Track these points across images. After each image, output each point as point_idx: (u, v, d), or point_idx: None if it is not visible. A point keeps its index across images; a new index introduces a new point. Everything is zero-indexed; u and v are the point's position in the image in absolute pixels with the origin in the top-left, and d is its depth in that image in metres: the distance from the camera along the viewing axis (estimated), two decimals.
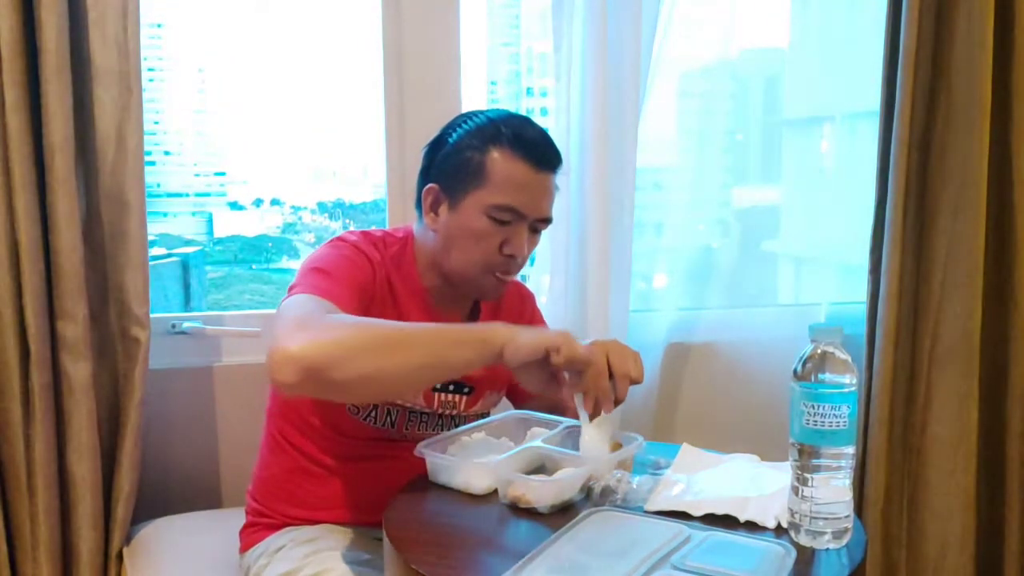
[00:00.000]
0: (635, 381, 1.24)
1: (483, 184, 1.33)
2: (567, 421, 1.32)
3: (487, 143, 1.34)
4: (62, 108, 1.51)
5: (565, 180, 1.82)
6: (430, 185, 1.38)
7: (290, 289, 1.27)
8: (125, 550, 1.63)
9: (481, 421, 1.36)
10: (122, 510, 1.65)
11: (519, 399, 1.58)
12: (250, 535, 1.46)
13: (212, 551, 1.56)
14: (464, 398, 1.45)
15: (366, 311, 1.30)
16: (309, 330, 1.08)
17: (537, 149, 1.35)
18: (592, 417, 1.21)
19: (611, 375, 1.21)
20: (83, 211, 1.60)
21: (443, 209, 1.37)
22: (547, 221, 1.39)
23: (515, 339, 1.13)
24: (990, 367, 1.95)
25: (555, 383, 1.19)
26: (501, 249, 1.35)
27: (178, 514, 1.72)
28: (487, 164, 1.33)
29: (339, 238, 1.39)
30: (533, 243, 1.40)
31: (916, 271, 1.94)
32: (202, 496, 1.83)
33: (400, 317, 1.37)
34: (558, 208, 1.82)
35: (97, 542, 1.63)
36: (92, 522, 1.62)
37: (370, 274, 1.33)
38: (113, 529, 1.65)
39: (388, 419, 1.40)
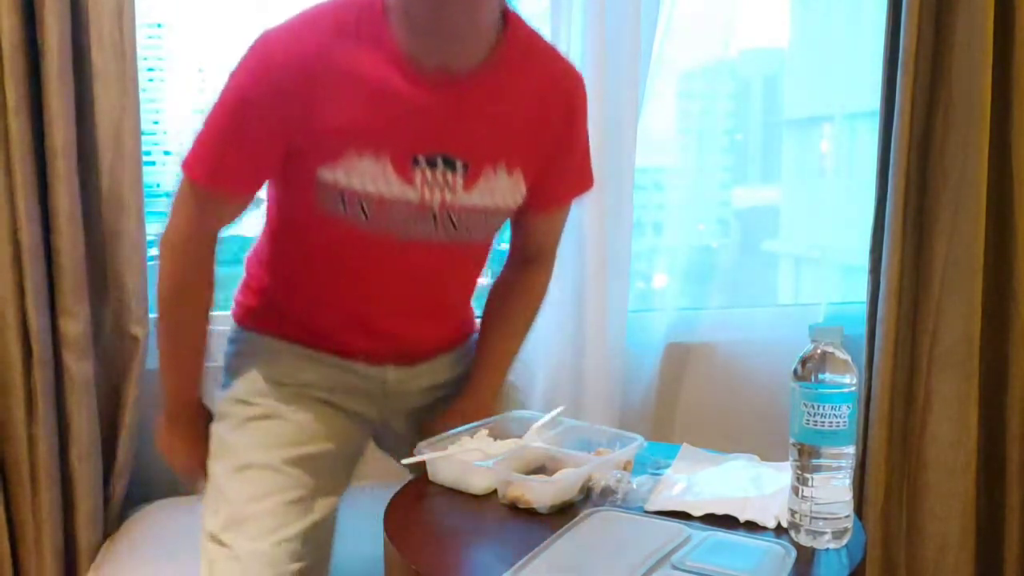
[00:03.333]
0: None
1: None
2: (568, 421, 1.32)
3: None
4: (63, 109, 1.51)
5: None
6: None
7: (194, 142, 1.22)
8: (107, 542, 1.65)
9: (481, 421, 1.36)
10: (116, 508, 1.67)
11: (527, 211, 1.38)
12: (242, 311, 1.44)
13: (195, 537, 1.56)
14: (457, 177, 1.25)
15: (298, 118, 1.17)
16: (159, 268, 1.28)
17: None
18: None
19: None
20: (82, 210, 1.60)
21: None
22: None
23: None
24: (990, 367, 1.95)
25: None
26: None
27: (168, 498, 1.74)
28: None
29: (262, 42, 1.19)
30: None
31: (916, 271, 1.94)
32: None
33: (370, 92, 1.19)
34: None
35: (97, 538, 1.64)
36: (92, 519, 1.63)
37: (296, 76, 1.16)
38: (110, 527, 1.66)
39: (360, 208, 1.22)
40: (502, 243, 1.47)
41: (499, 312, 1.48)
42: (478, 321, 1.50)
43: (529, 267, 1.48)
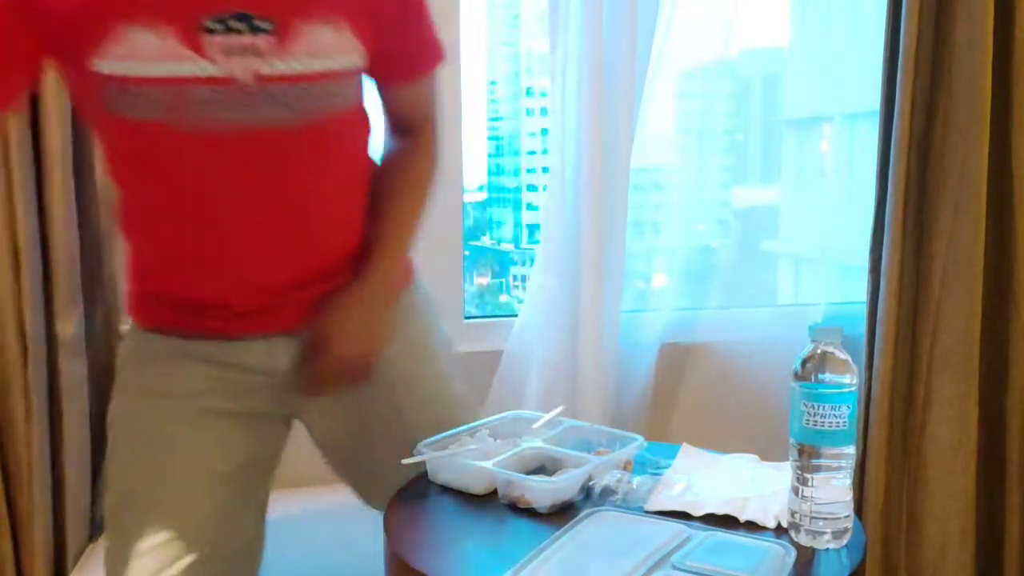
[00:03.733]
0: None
1: None
2: (568, 421, 1.31)
3: None
4: (60, 112, 1.52)
5: (560, 179, 1.82)
6: None
7: None
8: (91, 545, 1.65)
9: (481, 421, 1.35)
10: (101, 511, 1.66)
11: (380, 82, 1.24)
12: (128, 299, 1.26)
13: None
14: (266, 40, 1.04)
15: None
16: None
17: None
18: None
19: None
20: (77, 211, 1.60)
21: None
22: None
23: None
24: (990, 367, 1.95)
25: None
26: None
27: None
28: None
29: None
30: None
31: (916, 271, 1.94)
32: None
33: None
34: (553, 208, 1.83)
35: (84, 540, 1.65)
36: (81, 521, 1.64)
37: None
38: (95, 530, 1.67)
39: (155, 101, 1.02)
40: None
41: (382, 183, 1.26)
42: None
43: (406, 137, 1.29)
